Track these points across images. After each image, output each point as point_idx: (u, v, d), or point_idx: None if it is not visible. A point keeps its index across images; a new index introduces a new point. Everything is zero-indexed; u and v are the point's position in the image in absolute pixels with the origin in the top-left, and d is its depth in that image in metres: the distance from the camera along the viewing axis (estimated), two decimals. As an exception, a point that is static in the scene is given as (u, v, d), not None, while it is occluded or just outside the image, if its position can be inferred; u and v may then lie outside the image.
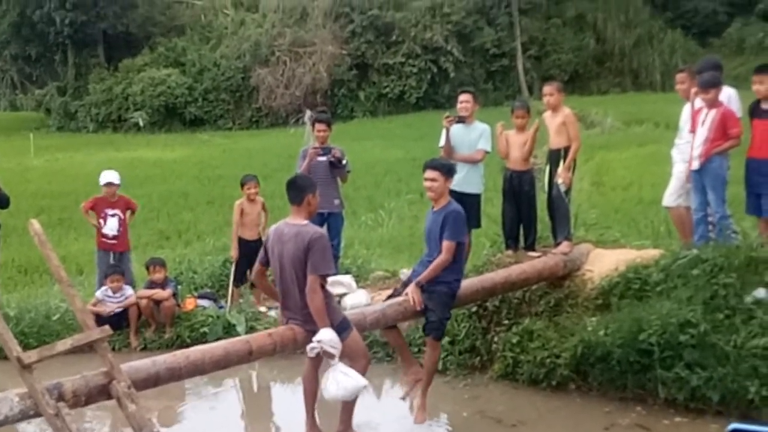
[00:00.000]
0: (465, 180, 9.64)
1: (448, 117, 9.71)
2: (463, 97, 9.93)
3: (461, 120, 9.67)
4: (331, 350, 6.24)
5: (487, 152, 9.77)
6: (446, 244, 7.15)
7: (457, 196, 9.71)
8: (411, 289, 7.20)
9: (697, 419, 7.13)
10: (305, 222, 6.50)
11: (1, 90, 51.56)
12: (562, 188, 8.87)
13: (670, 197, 9.05)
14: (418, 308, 7.18)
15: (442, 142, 9.75)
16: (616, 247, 9.21)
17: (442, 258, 7.15)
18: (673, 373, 7.21)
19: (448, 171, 7.37)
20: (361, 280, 10.82)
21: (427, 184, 7.37)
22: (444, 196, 7.38)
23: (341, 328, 6.47)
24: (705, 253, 7.83)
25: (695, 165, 8.39)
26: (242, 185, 10.90)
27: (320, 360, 6.65)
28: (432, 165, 7.35)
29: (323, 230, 6.72)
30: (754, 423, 4.61)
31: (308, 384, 6.91)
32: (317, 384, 6.77)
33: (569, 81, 39.69)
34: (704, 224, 8.47)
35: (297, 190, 6.56)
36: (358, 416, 6.87)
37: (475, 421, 7.62)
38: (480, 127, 9.81)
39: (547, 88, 9.24)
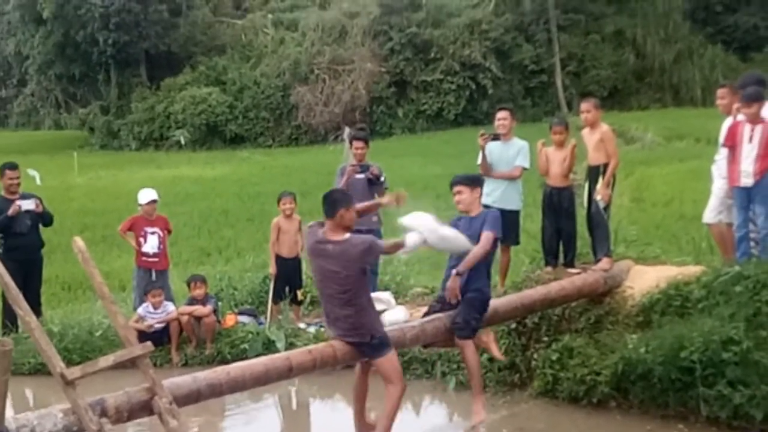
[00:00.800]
0: (504, 197, 9.68)
1: (483, 135, 9.75)
2: (500, 114, 9.96)
3: (496, 137, 9.70)
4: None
5: (525, 168, 9.78)
6: (486, 234, 7.24)
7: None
8: (450, 280, 7.28)
9: (741, 438, 7.04)
10: (347, 236, 6.56)
11: (46, 109, 52.46)
12: (601, 205, 8.84)
13: (711, 214, 8.96)
14: (455, 300, 7.25)
15: (480, 159, 9.79)
16: (657, 264, 9.14)
17: (481, 247, 7.21)
18: (715, 390, 7.12)
19: (472, 182, 7.53)
20: (399, 296, 10.83)
21: (456, 198, 7.51)
22: (476, 205, 7.49)
23: (383, 343, 6.53)
24: (747, 270, 7.73)
25: (747, 181, 8.26)
26: (278, 201, 11.01)
27: (370, 366, 6.76)
28: (456, 180, 7.54)
29: (367, 236, 6.80)
30: None
31: (359, 386, 6.99)
32: (367, 388, 6.89)
33: (608, 97, 39.48)
34: (747, 241, 8.38)
35: (331, 203, 6.63)
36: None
37: (514, 438, 7.60)
38: (518, 144, 9.83)
39: (584, 105, 9.24)
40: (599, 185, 8.84)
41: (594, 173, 8.94)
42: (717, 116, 9.27)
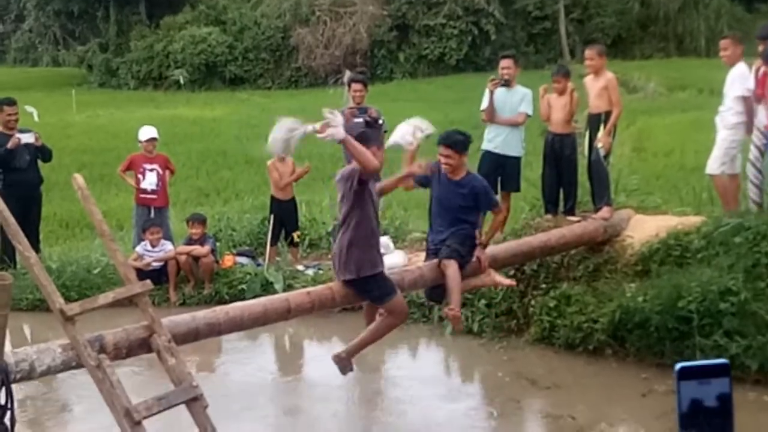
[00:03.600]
0: (506, 143, 9.69)
1: (493, 80, 9.70)
2: (504, 62, 9.90)
3: (506, 83, 9.65)
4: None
5: (528, 115, 9.75)
6: (497, 210, 7.51)
7: (498, 158, 9.78)
8: (479, 252, 7.28)
9: (736, 387, 7.01)
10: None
11: (44, 46, 51.94)
12: (602, 153, 8.79)
13: (714, 164, 8.92)
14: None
15: (485, 104, 9.73)
16: (657, 214, 9.14)
17: (500, 217, 7.61)
18: (711, 340, 7.17)
19: (463, 147, 7.22)
20: (398, 241, 10.83)
21: (444, 160, 7.22)
22: (461, 170, 7.26)
23: (389, 290, 6.52)
24: (748, 221, 7.74)
25: None
26: None
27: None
28: (446, 143, 7.18)
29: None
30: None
31: (368, 317, 7.00)
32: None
33: (612, 45, 39.05)
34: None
35: (363, 141, 6.52)
36: (393, 376, 6.91)
37: (510, 381, 7.64)
38: (521, 91, 9.78)
39: (588, 53, 9.18)
40: (600, 133, 8.79)
41: (595, 121, 8.89)
42: (721, 67, 9.19)
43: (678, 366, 1.63)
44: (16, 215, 5.00)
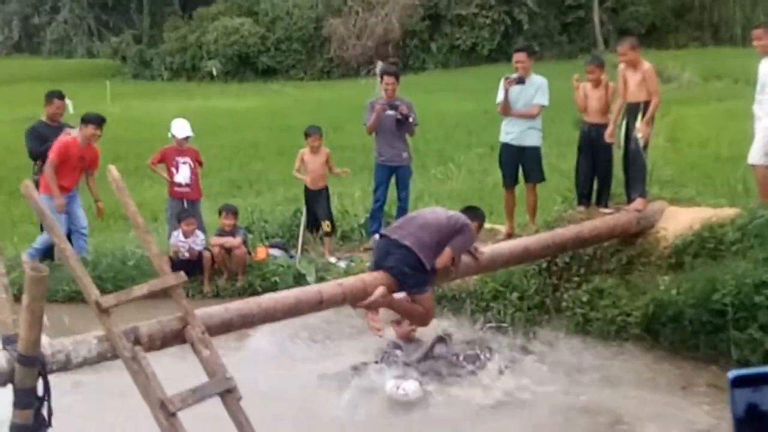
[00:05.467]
0: (522, 133, 9.82)
1: (507, 78, 9.74)
2: (518, 56, 9.93)
3: (521, 81, 9.68)
4: None
5: (543, 106, 9.78)
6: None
7: (517, 150, 9.82)
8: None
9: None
10: None
11: (78, 37, 52.40)
12: (641, 143, 8.70)
13: (757, 154, 8.74)
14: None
15: (500, 98, 9.82)
16: (692, 205, 9.03)
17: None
18: (746, 334, 7.10)
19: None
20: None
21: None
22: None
23: (425, 282, 6.72)
24: (784, 213, 7.65)
25: None
26: (306, 136, 11.04)
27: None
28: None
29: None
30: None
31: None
32: None
33: (646, 34, 38.67)
34: None
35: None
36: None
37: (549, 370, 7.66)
38: (537, 81, 9.83)
39: (620, 48, 9.06)
40: (639, 123, 8.70)
41: (634, 110, 8.77)
42: (756, 56, 9.07)
43: (731, 374, 1.66)
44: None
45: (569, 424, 6.86)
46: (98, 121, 10.74)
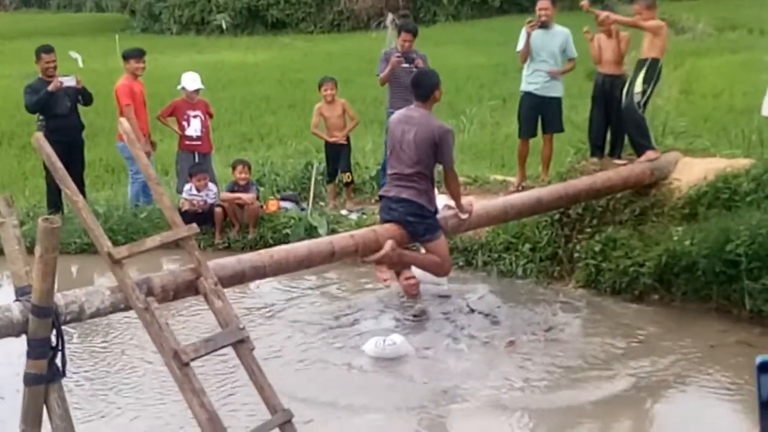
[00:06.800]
0: (546, 85, 9.76)
1: (530, 22, 9.69)
2: (542, 3, 9.93)
3: (544, 25, 9.64)
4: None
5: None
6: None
7: (540, 100, 9.78)
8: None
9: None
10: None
11: (87, -9, 52.04)
12: (636, 99, 8.52)
13: None
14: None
15: (521, 46, 9.83)
16: (706, 156, 8.97)
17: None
18: (760, 284, 7.08)
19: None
20: (441, 185, 10.77)
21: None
22: None
23: (435, 229, 6.83)
24: (799, 163, 7.59)
25: None
26: (319, 87, 11.01)
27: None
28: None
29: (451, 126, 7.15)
30: None
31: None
32: None
33: (660, -16, 38.24)
34: None
35: (425, 87, 6.90)
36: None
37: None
38: (561, 32, 9.82)
39: (636, 7, 8.74)
40: (639, 79, 8.55)
41: (639, 66, 8.65)
42: (772, 7, 8.94)
43: (758, 359, 1.65)
44: (60, 161, 5.02)
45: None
46: (137, 54, 10.90)
